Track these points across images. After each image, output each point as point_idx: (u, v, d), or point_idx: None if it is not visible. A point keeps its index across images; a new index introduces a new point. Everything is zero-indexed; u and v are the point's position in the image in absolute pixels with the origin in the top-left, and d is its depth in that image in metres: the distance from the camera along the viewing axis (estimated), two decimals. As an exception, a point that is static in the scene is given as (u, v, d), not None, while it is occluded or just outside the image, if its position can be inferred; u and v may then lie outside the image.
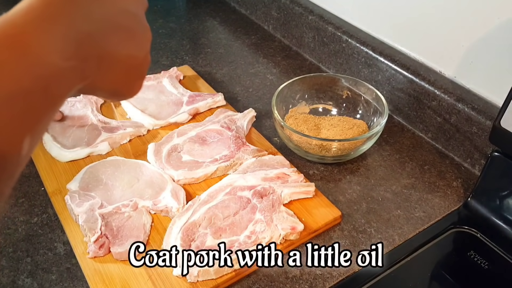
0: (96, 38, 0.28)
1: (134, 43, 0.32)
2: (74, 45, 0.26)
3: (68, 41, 0.26)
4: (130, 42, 0.31)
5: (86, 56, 0.28)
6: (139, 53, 0.33)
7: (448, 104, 0.69)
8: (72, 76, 0.27)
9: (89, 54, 0.28)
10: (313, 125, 0.72)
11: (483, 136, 0.65)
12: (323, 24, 0.88)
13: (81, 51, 0.27)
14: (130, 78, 0.33)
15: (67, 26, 0.26)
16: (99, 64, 0.29)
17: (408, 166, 0.69)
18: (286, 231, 0.56)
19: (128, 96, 0.34)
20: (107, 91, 0.32)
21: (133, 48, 0.32)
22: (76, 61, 0.27)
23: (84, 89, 0.30)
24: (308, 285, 0.53)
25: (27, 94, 0.24)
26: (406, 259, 0.56)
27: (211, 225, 0.56)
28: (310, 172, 0.68)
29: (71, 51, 0.26)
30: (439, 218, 0.61)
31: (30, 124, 0.25)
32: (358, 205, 0.63)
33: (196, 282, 0.51)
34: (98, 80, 0.30)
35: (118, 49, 0.30)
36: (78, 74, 0.27)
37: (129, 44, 0.31)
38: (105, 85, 0.31)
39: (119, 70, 0.31)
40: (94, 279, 0.52)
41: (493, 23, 0.63)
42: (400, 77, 0.75)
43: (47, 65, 0.25)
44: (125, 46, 0.31)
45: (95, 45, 0.28)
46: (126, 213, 0.58)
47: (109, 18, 0.30)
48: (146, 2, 0.36)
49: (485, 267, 0.55)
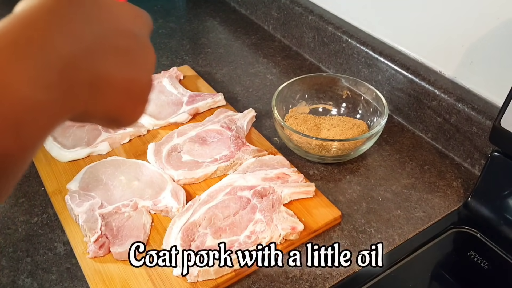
0: (86, 61, 0.25)
1: (133, 66, 0.28)
2: (55, 72, 0.23)
3: (47, 68, 0.22)
4: (129, 65, 0.28)
5: (72, 83, 0.24)
6: (139, 77, 0.29)
7: (448, 104, 0.69)
8: (53, 108, 0.23)
9: (77, 81, 0.24)
10: (313, 125, 0.72)
11: (483, 136, 0.65)
12: (323, 24, 0.88)
13: (66, 78, 0.23)
14: (129, 104, 0.29)
15: (47, 50, 0.23)
16: (90, 90, 0.25)
17: (408, 166, 0.69)
18: (286, 231, 0.56)
19: (127, 124, 0.30)
20: (103, 119, 0.29)
21: (132, 71, 0.28)
22: (58, 91, 0.23)
23: (75, 118, 0.26)
24: (308, 285, 0.53)
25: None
26: (406, 259, 0.56)
27: (211, 225, 0.56)
28: (310, 172, 0.68)
29: (51, 79, 0.23)
30: (439, 218, 0.61)
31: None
32: (358, 205, 0.63)
33: (196, 282, 0.51)
34: (91, 108, 0.26)
35: (114, 72, 0.27)
36: (63, 105, 0.24)
37: (127, 67, 0.28)
38: (99, 114, 0.27)
39: (115, 96, 0.27)
40: (94, 279, 0.52)
41: (493, 23, 0.63)
42: (400, 77, 0.75)
43: (17, 100, 0.21)
44: (123, 69, 0.27)
45: (84, 69, 0.25)
46: (126, 213, 0.58)
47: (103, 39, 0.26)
48: (151, 23, 0.33)
49: (485, 267, 0.55)
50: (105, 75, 0.26)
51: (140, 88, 0.30)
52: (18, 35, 0.22)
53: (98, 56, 0.25)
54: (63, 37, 0.24)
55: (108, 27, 0.27)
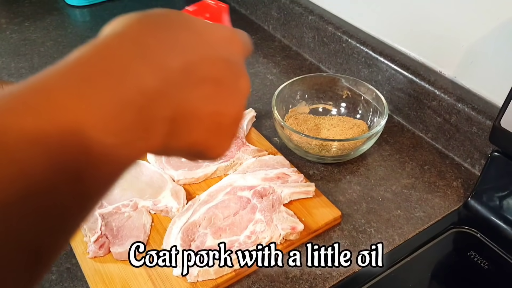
0: (171, 95, 0.21)
1: (223, 97, 0.25)
2: (133, 111, 0.19)
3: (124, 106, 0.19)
4: (218, 96, 0.25)
5: (152, 121, 0.21)
6: (229, 109, 0.26)
7: (448, 104, 0.69)
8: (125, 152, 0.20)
9: (158, 117, 0.21)
10: (313, 125, 0.72)
11: (483, 136, 0.65)
12: (323, 24, 0.88)
13: (145, 116, 0.20)
14: (215, 138, 0.26)
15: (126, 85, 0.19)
16: (172, 127, 0.22)
17: (408, 166, 0.69)
18: (286, 231, 0.56)
19: (213, 158, 0.27)
20: (184, 154, 0.26)
21: (221, 103, 0.25)
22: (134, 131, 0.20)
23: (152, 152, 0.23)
24: (308, 285, 0.53)
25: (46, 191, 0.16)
26: (406, 259, 0.56)
27: (211, 225, 0.56)
28: (310, 172, 0.68)
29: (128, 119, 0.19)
30: (439, 218, 0.61)
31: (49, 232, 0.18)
32: (358, 205, 0.63)
33: (196, 282, 0.51)
34: (171, 145, 0.23)
35: (201, 106, 0.23)
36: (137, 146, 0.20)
37: (216, 99, 0.24)
38: (180, 149, 0.24)
39: (200, 130, 0.24)
40: (94, 279, 0.52)
41: (493, 23, 0.63)
42: (400, 77, 0.75)
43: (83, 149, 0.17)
44: (211, 101, 0.24)
45: (167, 104, 0.21)
46: (126, 213, 0.58)
47: (191, 68, 0.23)
48: (250, 45, 0.29)
49: (485, 267, 0.55)
50: (190, 109, 0.23)
51: (229, 121, 0.26)
52: (93, 68, 0.19)
53: (184, 89, 0.22)
54: (146, 69, 0.20)
55: (198, 55, 0.23)
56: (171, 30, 0.23)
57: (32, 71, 0.89)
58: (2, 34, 1.00)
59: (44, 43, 0.98)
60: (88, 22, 1.08)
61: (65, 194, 0.17)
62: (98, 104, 0.18)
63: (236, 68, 0.26)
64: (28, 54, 0.94)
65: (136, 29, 0.22)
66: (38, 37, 1.00)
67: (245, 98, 0.27)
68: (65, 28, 1.04)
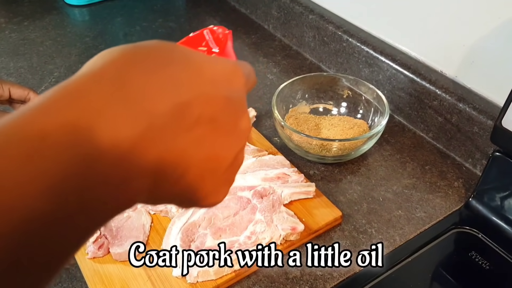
0: (153, 144, 0.18)
1: (219, 140, 0.22)
2: (102, 168, 0.17)
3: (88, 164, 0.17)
4: (214, 139, 0.21)
5: (125, 178, 0.18)
6: (225, 153, 0.23)
7: (449, 104, 0.68)
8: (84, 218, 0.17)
9: (133, 173, 0.18)
10: (313, 125, 0.72)
11: (484, 136, 0.65)
12: (323, 24, 0.87)
13: (116, 173, 0.17)
14: (208, 186, 0.22)
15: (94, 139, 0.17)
16: (156, 177, 0.19)
17: (409, 166, 0.69)
18: (287, 231, 0.55)
19: (207, 207, 0.24)
20: (175, 203, 0.23)
21: (217, 146, 0.22)
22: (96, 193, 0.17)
23: (134, 205, 0.20)
24: (309, 286, 0.52)
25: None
26: (407, 259, 0.56)
27: (211, 225, 0.56)
28: (310, 172, 0.68)
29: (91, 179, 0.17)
30: (440, 219, 0.61)
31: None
32: (358, 205, 0.62)
33: (196, 283, 0.51)
34: (157, 194, 0.20)
35: (192, 151, 0.20)
36: (108, 206, 0.18)
37: (211, 142, 0.21)
38: (169, 199, 0.22)
39: (191, 178, 0.21)
40: (93, 280, 0.52)
41: (494, 23, 0.62)
42: (401, 77, 0.75)
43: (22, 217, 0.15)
44: (204, 145, 0.21)
45: (147, 155, 0.18)
46: (126, 214, 0.58)
47: (182, 109, 0.20)
48: (254, 78, 0.26)
49: (486, 267, 0.55)
50: (179, 155, 0.20)
51: (225, 165, 0.23)
52: (55, 116, 0.16)
53: (172, 133, 0.19)
54: (124, 115, 0.18)
55: (192, 93, 0.20)
56: (161, 66, 0.20)
57: (31, 71, 0.88)
58: (1, 33, 1.00)
59: (43, 43, 0.97)
60: (87, 21, 1.08)
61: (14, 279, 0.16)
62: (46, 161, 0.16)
63: (236, 105, 0.23)
64: (27, 54, 0.94)
65: (119, 65, 0.19)
66: (37, 37, 0.99)
67: (245, 139, 0.24)
68: (64, 27, 1.03)
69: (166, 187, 0.20)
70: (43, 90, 0.83)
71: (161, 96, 0.19)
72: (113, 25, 1.06)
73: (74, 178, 0.16)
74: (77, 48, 0.96)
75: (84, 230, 0.18)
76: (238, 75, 0.24)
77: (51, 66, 0.90)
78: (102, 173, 0.17)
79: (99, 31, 1.03)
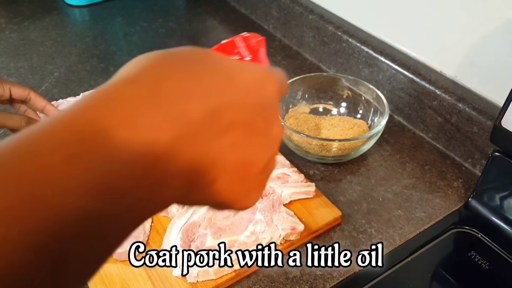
0: (187, 147, 0.19)
1: (252, 145, 0.22)
2: (141, 168, 0.18)
3: (126, 167, 0.17)
4: (246, 144, 0.22)
5: (159, 179, 0.19)
6: (258, 158, 0.23)
7: (449, 104, 0.68)
8: (124, 217, 0.18)
9: (167, 175, 0.19)
10: (313, 125, 0.72)
11: (484, 136, 0.65)
12: (323, 24, 0.87)
13: (151, 175, 0.18)
14: (241, 190, 0.23)
15: (136, 139, 0.18)
16: (189, 180, 0.20)
17: (409, 166, 0.69)
18: (286, 231, 0.55)
19: (240, 210, 0.25)
20: (209, 205, 0.24)
21: (249, 151, 0.22)
22: (135, 194, 0.18)
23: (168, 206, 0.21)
24: (309, 285, 0.53)
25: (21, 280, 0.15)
26: (407, 259, 0.56)
27: (211, 225, 0.56)
28: (310, 172, 0.68)
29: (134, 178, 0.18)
30: (440, 219, 0.61)
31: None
32: (358, 205, 0.62)
33: (196, 282, 0.51)
34: (190, 197, 0.21)
35: (225, 155, 0.21)
36: (145, 205, 0.19)
37: (243, 147, 0.22)
38: (202, 201, 0.22)
39: (223, 182, 0.22)
40: (93, 280, 0.52)
41: (494, 23, 0.63)
42: (401, 77, 0.75)
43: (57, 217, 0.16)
44: (237, 150, 0.22)
45: (180, 159, 0.19)
46: (126, 213, 0.58)
47: (215, 116, 0.20)
48: (286, 85, 0.27)
49: (486, 267, 0.55)
50: (212, 159, 0.20)
51: (258, 170, 0.24)
52: (96, 119, 0.17)
53: (206, 138, 0.20)
54: (160, 120, 0.18)
55: (226, 99, 0.21)
56: (196, 73, 0.21)
57: (32, 71, 0.89)
58: (1, 33, 1.00)
59: (43, 43, 0.98)
60: (87, 21, 1.08)
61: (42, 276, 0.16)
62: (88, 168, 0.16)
63: (268, 112, 0.24)
64: (27, 54, 0.94)
65: (155, 71, 0.20)
66: (37, 37, 0.99)
67: (277, 145, 0.25)
68: (64, 27, 1.04)
69: (199, 190, 0.21)
70: (44, 90, 0.83)
71: (194, 102, 0.20)
72: (113, 25, 1.06)
73: (115, 179, 0.17)
74: (77, 48, 0.96)
75: (121, 231, 0.19)
76: (270, 82, 0.24)
77: (51, 66, 0.90)
78: (140, 174, 0.18)
79: (99, 31, 1.03)
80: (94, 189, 0.16)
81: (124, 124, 0.18)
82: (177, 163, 0.19)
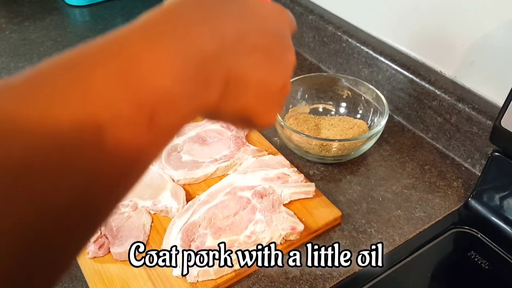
0: (225, 58, 0.24)
1: (271, 67, 0.27)
2: (193, 67, 0.22)
3: (187, 61, 0.22)
4: (266, 66, 0.27)
5: (208, 78, 0.23)
6: (275, 80, 0.28)
7: (448, 104, 0.68)
8: (187, 102, 0.23)
9: (213, 76, 0.24)
10: (313, 125, 0.72)
11: (483, 136, 0.65)
12: (323, 24, 0.87)
13: (203, 73, 0.23)
14: (262, 106, 0.28)
15: (189, 43, 0.23)
16: (225, 87, 0.25)
17: (409, 166, 0.69)
18: (286, 231, 0.55)
19: (259, 127, 0.30)
20: (234, 118, 0.28)
21: (268, 72, 0.27)
22: (194, 85, 0.23)
23: (207, 115, 0.27)
24: (308, 285, 0.53)
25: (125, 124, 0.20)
26: (407, 259, 0.56)
27: (211, 225, 0.56)
28: (310, 172, 0.68)
29: (189, 73, 0.22)
30: (440, 218, 0.61)
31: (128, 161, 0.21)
32: (358, 205, 0.63)
33: (196, 282, 0.51)
34: (223, 106, 0.26)
35: (250, 72, 0.26)
36: (197, 99, 0.23)
37: (264, 68, 0.27)
38: (231, 112, 0.27)
39: (248, 96, 0.27)
40: (93, 280, 0.52)
41: (494, 23, 0.63)
42: (401, 77, 0.75)
43: (154, 91, 0.21)
44: (259, 69, 0.27)
45: (221, 66, 0.24)
46: (126, 213, 0.58)
47: (244, 37, 0.25)
48: (295, 24, 0.32)
49: (485, 267, 0.55)
50: (241, 74, 0.25)
51: (276, 90, 0.28)
52: (161, 27, 0.23)
53: (236, 54, 0.25)
54: (205, 31, 0.24)
55: (250, 25, 0.26)
56: (226, 2, 0.26)
57: (32, 71, 0.88)
58: (2, 33, 1.00)
59: (43, 43, 0.98)
60: (87, 21, 1.08)
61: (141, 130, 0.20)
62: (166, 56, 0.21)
63: (284, 41, 0.29)
64: (28, 54, 0.94)
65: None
66: (37, 37, 1.00)
67: (291, 70, 0.29)
68: (64, 27, 1.04)
69: (231, 100, 0.26)
70: (44, 90, 0.83)
71: (228, 23, 0.25)
72: (114, 26, 1.05)
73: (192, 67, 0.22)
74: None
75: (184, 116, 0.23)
76: (285, 17, 0.30)
77: (51, 66, 0.90)
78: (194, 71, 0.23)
79: (99, 31, 1.03)
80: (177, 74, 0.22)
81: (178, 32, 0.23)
82: (218, 69, 0.24)
